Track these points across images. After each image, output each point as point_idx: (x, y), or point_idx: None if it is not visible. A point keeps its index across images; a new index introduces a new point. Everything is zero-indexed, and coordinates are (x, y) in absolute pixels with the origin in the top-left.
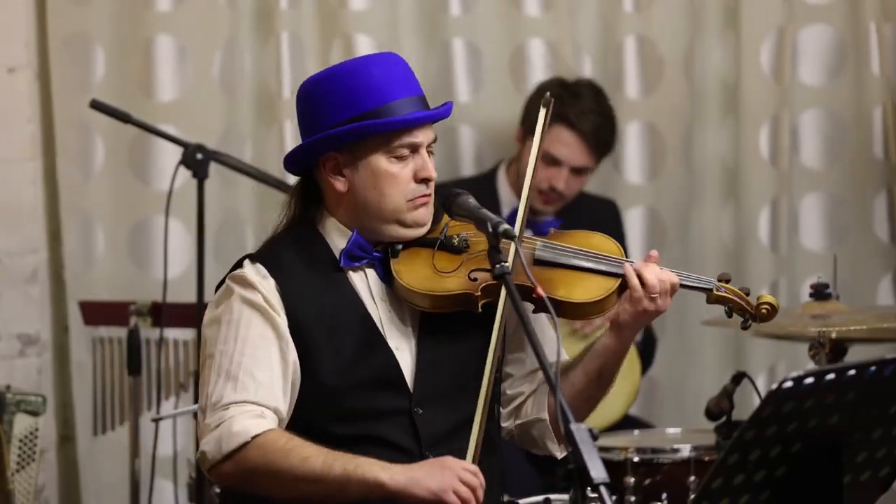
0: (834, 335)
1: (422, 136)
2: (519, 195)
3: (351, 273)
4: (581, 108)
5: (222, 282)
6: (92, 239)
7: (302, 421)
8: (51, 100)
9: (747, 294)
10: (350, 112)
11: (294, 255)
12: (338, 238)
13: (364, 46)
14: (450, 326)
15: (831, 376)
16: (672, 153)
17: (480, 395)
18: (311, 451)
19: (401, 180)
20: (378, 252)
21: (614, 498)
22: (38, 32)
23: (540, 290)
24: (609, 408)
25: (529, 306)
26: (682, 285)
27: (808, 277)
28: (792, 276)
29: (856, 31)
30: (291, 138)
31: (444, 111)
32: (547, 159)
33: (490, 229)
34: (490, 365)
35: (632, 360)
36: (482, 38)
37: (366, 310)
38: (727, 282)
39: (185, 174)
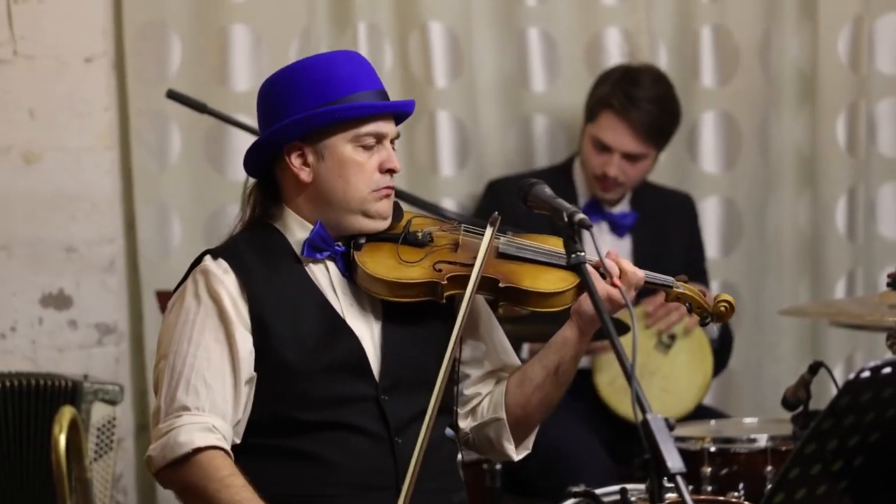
0: None
1: (387, 128)
2: (589, 185)
3: (311, 265)
4: (633, 94)
5: (185, 277)
6: (168, 228)
7: (269, 411)
8: (126, 89)
9: (704, 294)
10: (317, 100)
11: (253, 248)
12: (298, 230)
13: (439, 35)
14: (412, 317)
15: None
16: (748, 142)
17: (437, 380)
18: (247, 496)
19: (366, 169)
20: (340, 246)
21: (691, 488)
22: (114, 21)
23: (617, 281)
24: (681, 400)
25: (484, 314)
26: (646, 282)
27: (886, 266)
28: (869, 266)
29: None
30: None
31: (407, 104)
32: (598, 145)
33: (566, 219)
34: (451, 348)
35: (704, 351)
36: (557, 26)
37: (326, 299)
38: (685, 282)
39: None
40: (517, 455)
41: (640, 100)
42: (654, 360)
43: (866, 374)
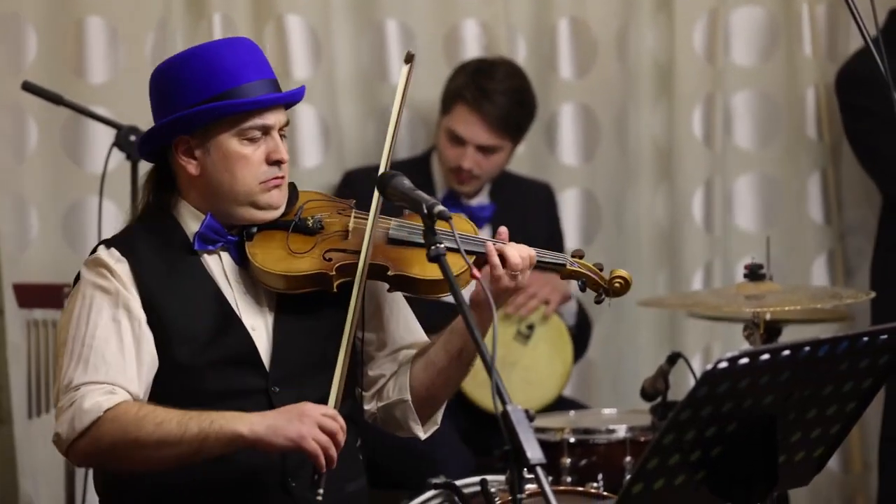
0: (768, 316)
1: (273, 119)
2: (446, 178)
3: (205, 256)
4: (486, 87)
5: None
6: (26, 221)
7: (161, 403)
8: None
9: (601, 269)
10: (201, 95)
11: (148, 239)
12: (192, 222)
13: (296, 27)
14: (306, 306)
15: (766, 357)
16: (606, 135)
17: (338, 358)
18: (165, 415)
19: (252, 162)
20: (233, 236)
21: (550, 479)
22: None
23: (476, 273)
24: (543, 389)
25: (383, 285)
26: (538, 261)
27: (742, 258)
28: (726, 257)
29: (788, 12)
30: None
31: (295, 94)
32: (452, 138)
33: (425, 210)
34: (347, 338)
35: (563, 340)
36: (415, 18)
37: (220, 291)
38: (580, 258)
39: (118, 156)
40: (424, 433)
41: (494, 92)
42: (514, 351)
43: (723, 364)
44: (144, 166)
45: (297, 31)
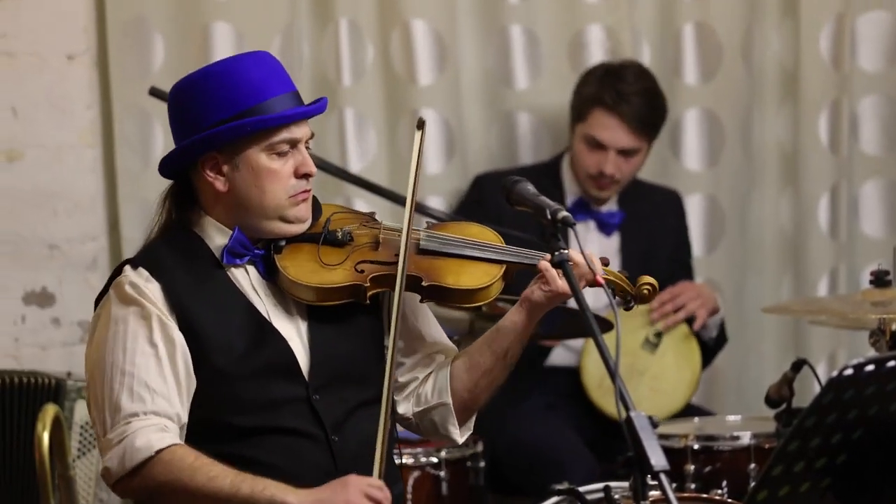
0: (895, 325)
1: (300, 132)
2: (584, 185)
3: (232, 270)
4: (621, 90)
5: (105, 290)
6: (151, 227)
7: (204, 417)
8: (109, 87)
9: (627, 276)
10: (227, 111)
11: (174, 256)
12: (217, 237)
13: (422, 32)
14: (336, 316)
15: (892, 363)
16: (731, 140)
17: (382, 402)
18: (218, 471)
19: (282, 176)
20: (259, 249)
21: (674, 485)
22: (96, 19)
23: (600, 278)
24: (671, 398)
25: (415, 296)
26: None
27: (868, 264)
28: (852, 264)
29: None
30: (352, 125)
31: (319, 107)
32: (592, 144)
33: (549, 216)
34: (391, 359)
35: (690, 348)
36: (540, 24)
37: (251, 303)
38: (607, 265)
39: None
40: (461, 437)
41: (629, 94)
42: (642, 359)
43: (849, 371)
44: None
45: (422, 36)
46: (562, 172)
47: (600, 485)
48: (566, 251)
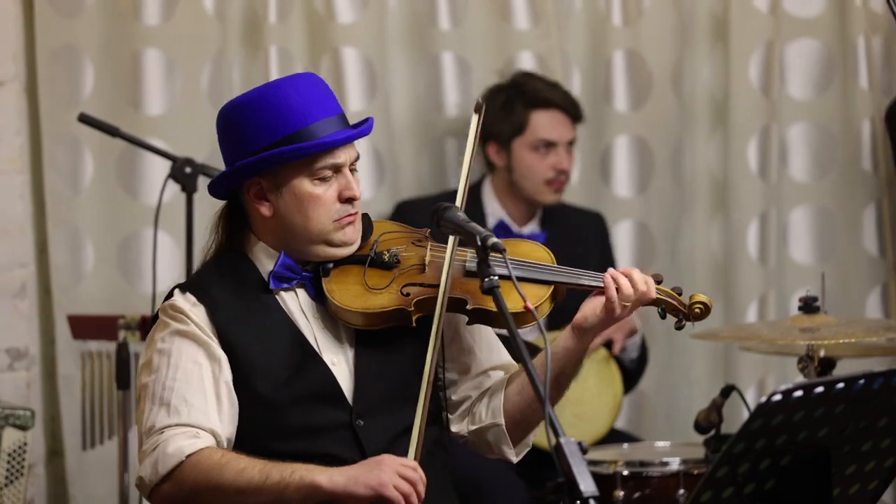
0: (823, 351)
1: (343, 157)
2: (503, 204)
3: (282, 293)
4: (540, 88)
5: (156, 315)
6: (81, 253)
7: (247, 442)
8: (39, 113)
9: (680, 294)
10: (269, 137)
11: (222, 281)
12: (266, 260)
13: (352, 59)
14: (385, 339)
15: (820, 389)
16: (661, 167)
17: (419, 399)
18: (247, 463)
19: (325, 201)
20: (308, 272)
21: None
22: (25, 45)
23: (529, 305)
24: (594, 423)
25: (462, 318)
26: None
27: (797, 290)
28: (781, 289)
29: (843, 44)
30: None
31: (365, 129)
32: (541, 147)
33: (479, 243)
34: (427, 372)
35: (611, 373)
36: (471, 51)
37: (298, 328)
38: (659, 283)
39: (173, 188)
40: (516, 457)
41: (550, 89)
42: None
43: (777, 397)
44: (200, 198)
45: (353, 64)
46: (483, 197)
47: None
48: (496, 278)
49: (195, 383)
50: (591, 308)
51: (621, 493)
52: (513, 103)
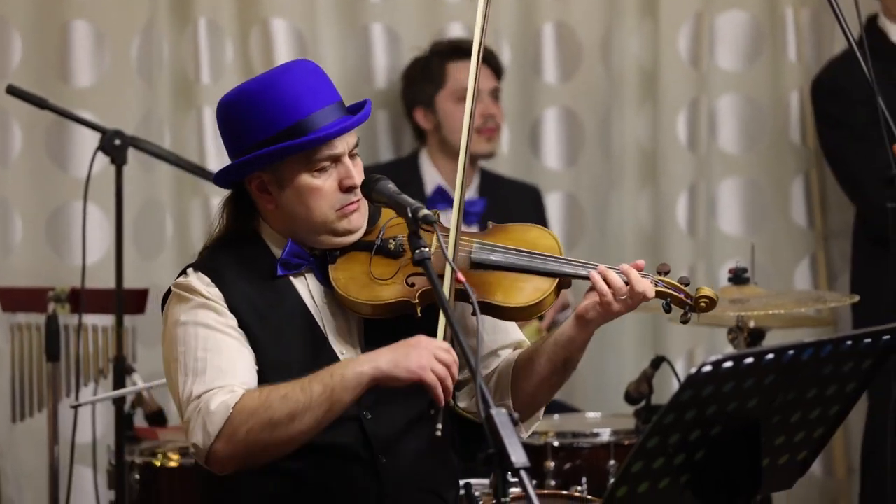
0: (752, 322)
1: (342, 146)
2: (440, 170)
3: (292, 278)
4: (457, 43)
5: (168, 293)
6: (9, 225)
7: None
8: None
9: (686, 285)
10: (266, 131)
11: (235, 264)
12: (275, 247)
13: (282, 31)
14: (394, 328)
15: (750, 360)
16: (590, 139)
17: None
18: (286, 388)
19: (326, 192)
20: (315, 256)
21: (534, 482)
22: None
23: (461, 277)
24: None
25: (468, 306)
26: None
27: (726, 262)
28: (710, 261)
29: (772, 16)
30: (210, 124)
31: (362, 116)
32: (465, 95)
33: (410, 215)
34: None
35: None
36: (401, 22)
37: (310, 315)
38: (665, 274)
39: (103, 160)
40: (525, 433)
41: (465, 43)
42: None
43: (707, 368)
44: (129, 170)
45: (282, 35)
46: (420, 165)
47: (461, 482)
48: (427, 249)
49: (224, 349)
50: (591, 301)
51: (552, 464)
52: (430, 63)
